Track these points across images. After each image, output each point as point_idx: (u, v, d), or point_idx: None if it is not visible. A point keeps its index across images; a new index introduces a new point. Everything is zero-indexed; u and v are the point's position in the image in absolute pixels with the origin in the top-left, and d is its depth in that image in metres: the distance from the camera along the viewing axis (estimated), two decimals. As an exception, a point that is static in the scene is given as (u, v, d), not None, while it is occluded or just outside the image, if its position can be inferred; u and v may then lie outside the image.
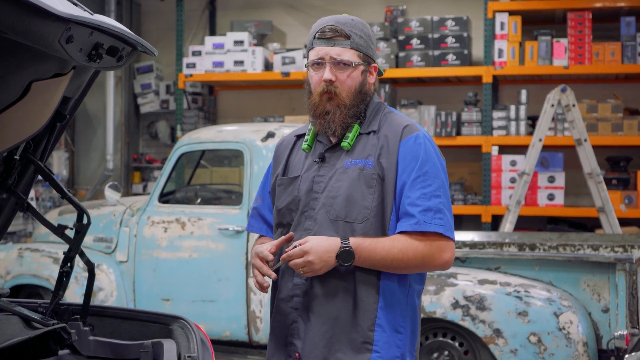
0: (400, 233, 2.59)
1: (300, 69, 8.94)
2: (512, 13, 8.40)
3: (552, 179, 8.20)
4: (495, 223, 8.45)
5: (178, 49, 9.55)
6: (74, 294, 5.98)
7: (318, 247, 2.55)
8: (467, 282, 5.01)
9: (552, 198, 8.19)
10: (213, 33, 10.10)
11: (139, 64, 10.29)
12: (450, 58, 8.54)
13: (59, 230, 2.53)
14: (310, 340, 2.63)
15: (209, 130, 6.28)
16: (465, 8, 9.16)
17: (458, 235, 6.63)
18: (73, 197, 2.55)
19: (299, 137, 2.87)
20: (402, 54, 8.68)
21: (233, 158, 7.97)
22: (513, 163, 8.29)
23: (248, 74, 9.10)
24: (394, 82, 9.05)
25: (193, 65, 9.29)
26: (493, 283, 4.97)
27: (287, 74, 8.97)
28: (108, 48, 2.21)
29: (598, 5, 8.27)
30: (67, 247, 2.55)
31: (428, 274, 4.97)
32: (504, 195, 8.26)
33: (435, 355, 5.10)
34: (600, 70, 8.22)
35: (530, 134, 8.06)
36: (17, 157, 2.51)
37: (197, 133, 6.26)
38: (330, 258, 2.55)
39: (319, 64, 2.68)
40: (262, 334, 5.64)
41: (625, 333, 4.62)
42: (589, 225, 8.32)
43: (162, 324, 2.63)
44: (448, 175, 2.79)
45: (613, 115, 8.16)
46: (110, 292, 6.01)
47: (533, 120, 8.32)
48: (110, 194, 6.13)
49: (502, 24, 8.35)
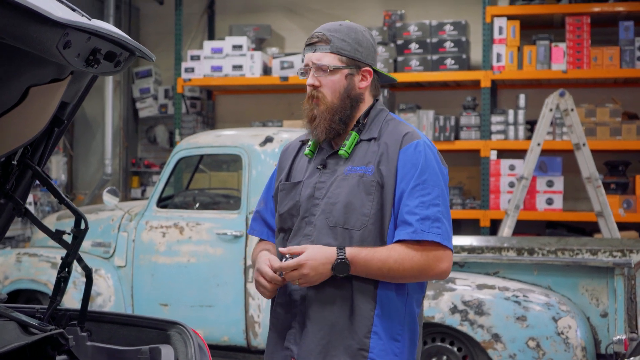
0: (398, 242, 2.58)
1: (298, 72, 8.91)
2: (510, 18, 8.41)
3: (550, 184, 8.20)
4: (494, 227, 8.45)
5: (177, 54, 9.55)
6: (72, 299, 5.98)
7: (314, 259, 2.54)
8: (465, 286, 5.00)
9: (550, 202, 8.19)
10: (212, 37, 10.10)
11: (138, 69, 10.30)
12: (449, 62, 8.54)
13: (57, 236, 2.52)
14: (306, 346, 2.63)
15: (208, 135, 6.27)
16: (464, 13, 9.17)
17: (456, 240, 6.63)
18: (71, 202, 2.55)
19: (304, 142, 2.87)
20: (400, 59, 8.68)
21: (231, 163, 7.97)
22: (512, 167, 8.29)
23: (246, 79, 9.10)
24: (393, 86, 9.05)
25: (192, 70, 9.29)
26: (492, 288, 4.97)
27: (285, 79, 8.97)
28: (106, 53, 2.21)
29: (596, 10, 8.28)
30: (65, 252, 2.54)
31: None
32: (503, 200, 8.26)
33: (434, 360, 5.09)
34: (599, 75, 8.23)
35: (529, 139, 8.07)
36: (14, 162, 2.51)
37: (195, 137, 6.26)
38: (326, 270, 2.55)
39: (306, 71, 2.74)
40: (260, 339, 5.64)
41: (624, 338, 4.61)
42: (588, 230, 8.32)
43: (159, 330, 2.63)
44: (447, 180, 2.77)
45: (611, 120, 8.17)
46: (109, 297, 6.01)
47: (531, 125, 8.33)
48: (109, 199, 6.13)
49: (500, 29, 8.36)
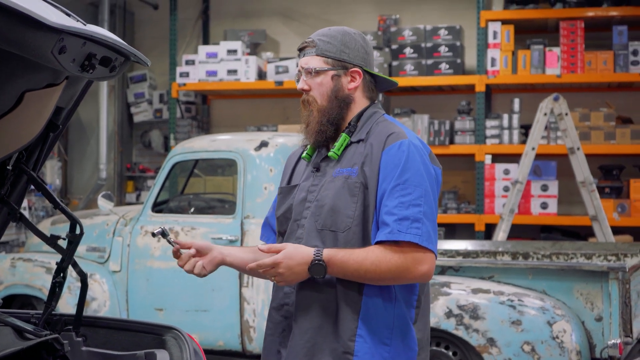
0: (377, 243, 2.55)
1: (294, 78, 8.92)
2: (504, 22, 8.43)
3: (545, 188, 8.22)
4: (489, 232, 8.46)
5: (171, 58, 9.56)
6: (67, 304, 5.96)
7: (290, 259, 2.53)
8: (460, 291, 5.00)
9: (545, 207, 8.21)
10: (206, 42, 10.11)
11: (132, 73, 10.29)
12: (444, 67, 8.56)
13: (52, 241, 2.52)
14: (293, 349, 2.63)
15: (203, 140, 6.27)
16: (458, 17, 9.19)
17: (451, 244, 6.64)
18: (66, 207, 2.55)
19: (306, 147, 2.88)
20: (395, 63, 8.70)
21: (226, 167, 7.97)
22: (506, 172, 8.30)
23: (241, 83, 9.10)
24: (387, 91, 9.05)
25: (186, 75, 9.29)
26: (486, 292, 4.97)
27: (280, 83, 8.97)
28: (101, 58, 2.21)
29: (590, 15, 8.31)
30: (59, 256, 2.54)
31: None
32: (498, 204, 8.28)
33: (429, 365, 5.09)
34: (593, 79, 8.25)
35: (524, 143, 8.08)
36: (9, 167, 2.51)
37: (190, 142, 6.26)
38: (302, 270, 2.54)
39: (298, 77, 2.77)
40: (255, 344, 5.63)
41: (619, 342, 4.62)
42: (583, 234, 8.34)
43: (155, 335, 2.63)
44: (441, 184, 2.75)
45: (605, 124, 8.19)
46: (104, 302, 6.00)
47: (526, 129, 8.34)
48: (103, 204, 6.13)
49: (494, 33, 8.38)
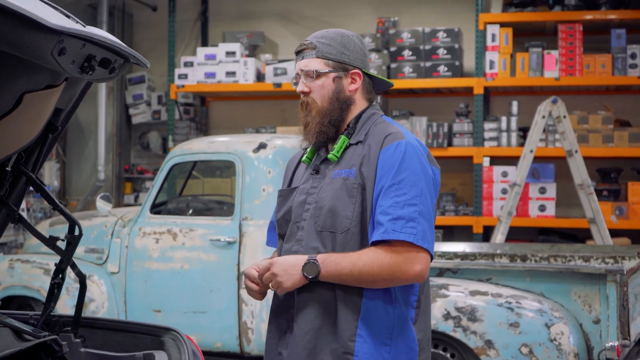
0: (372, 244, 2.56)
1: (291, 81, 8.92)
2: (503, 25, 8.44)
3: (543, 190, 8.22)
4: (487, 234, 8.47)
5: (170, 60, 9.56)
6: (65, 306, 5.96)
7: (284, 261, 2.59)
8: (458, 293, 5.01)
9: (543, 209, 8.21)
10: (205, 44, 10.11)
11: (131, 75, 10.29)
12: (442, 69, 8.56)
13: (51, 242, 2.52)
14: (293, 350, 2.64)
15: (201, 141, 6.27)
16: (457, 20, 9.20)
17: (449, 246, 6.64)
18: (65, 208, 2.55)
19: (306, 150, 2.90)
20: (393, 65, 8.70)
21: (225, 169, 7.97)
22: (504, 174, 8.31)
23: (240, 85, 9.11)
24: (386, 93, 9.07)
25: (185, 76, 9.29)
26: (484, 294, 4.97)
27: (279, 85, 8.98)
28: (100, 60, 2.21)
29: (589, 18, 8.32)
30: (58, 258, 2.54)
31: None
32: (495, 206, 8.28)
33: (427, 367, 5.09)
34: (591, 82, 8.26)
35: (522, 145, 8.09)
36: (8, 168, 2.51)
37: (188, 144, 6.26)
38: (297, 272, 2.57)
39: (296, 80, 2.80)
40: (253, 345, 5.63)
41: (616, 344, 4.62)
42: (580, 236, 8.34)
43: (153, 336, 2.63)
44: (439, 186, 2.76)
45: (604, 127, 8.20)
46: (102, 303, 6.00)
47: (524, 132, 8.35)
48: (102, 205, 6.12)
49: (493, 36, 8.39)
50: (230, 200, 6.29)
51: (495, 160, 8.62)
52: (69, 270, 2.58)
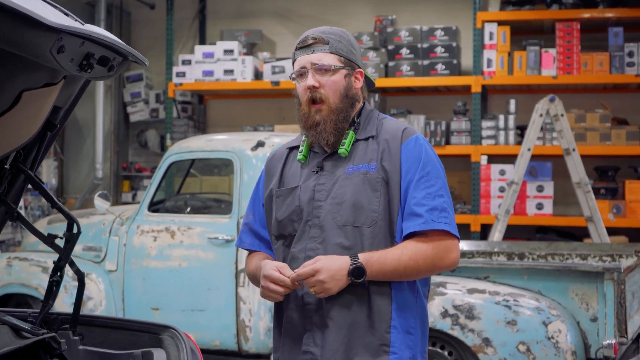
0: (407, 236, 2.60)
1: (290, 76, 8.94)
2: (501, 23, 8.44)
3: (540, 189, 8.23)
4: (484, 232, 8.47)
5: (168, 58, 9.56)
6: (63, 304, 5.97)
7: (330, 266, 2.55)
8: (456, 291, 5.02)
9: (540, 207, 8.22)
10: (203, 42, 10.10)
11: (129, 73, 10.29)
12: (440, 68, 8.57)
13: (49, 240, 2.52)
14: (330, 347, 2.62)
15: (199, 139, 6.28)
16: (455, 18, 9.20)
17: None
18: (63, 206, 2.55)
19: (292, 149, 2.88)
20: (391, 64, 8.71)
21: (223, 167, 7.98)
22: (502, 172, 8.32)
23: (238, 83, 9.11)
24: (384, 91, 9.07)
25: (183, 74, 9.29)
26: (482, 292, 4.98)
27: (277, 83, 8.98)
28: (99, 58, 2.21)
29: (586, 16, 8.33)
30: (56, 256, 2.54)
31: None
32: (493, 205, 8.29)
33: (425, 365, 5.10)
34: (589, 80, 8.27)
35: (519, 144, 8.10)
36: (7, 166, 2.51)
37: (186, 142, 6.26)
38: (343, 276, 2.55)
39: (302, 74, 2.73)
40: (251, 343, 5.64)
41: (614, 342, 4.63)
42: (578, 235, 8.35)
43: (152, 334, 2.63)
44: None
45: (601, 125, 8.21)
46: (100, 301, 6.00)
47: (522, 130, 8.36)
48: (100, 203, 6.12)
49: (491, 34, 8.39)
50: (228, 199, 6.30)
51: (493, 159, 8.62)
52: (67, 268, 2.58)
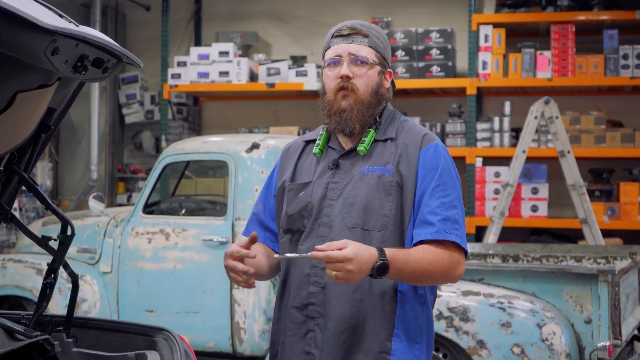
0: (416, 244, 2.56)
1: (285, 80, 8.96)
2: (496, 26, 8.45)
3: (535, 191, 8.24)
4: (479, 234, 8.48)
5: (163, 60, 9.55)
6: (57, 305, 5.95)
7: (360, 256, 2.40)
8: (450, 293, 5.02)
9: (535, 209, 8.23)
10: (198, 44, 10.10)
11: (124, 75, 10.28)
12: (435, 70, 8.58)
13: (43, 242, 2.52)
14: (329, 350, 2.59)
15: (194, 141, 6.27)
16: (450, 20, 9.21)
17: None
18: (57, 208, 2.55)
19: (308, 142, 2.82)
20: (386, 66, 8.70)
21: (218, 169, 7.97)
22: (497, 174, 8.33)
23: (233, 85, 9.10)
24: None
25: (178, 76, 9.29)
26: (477, 294, 4.98)
27: (272, 85, 8.98)
28: (93, 60, 2.21)
29: (581, 19, 8.34)
30: (50, 258, 2.54)
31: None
32: (488, 207, 8.29)
33: (419, 367, 5.10)
34: (583, 83, 8.28)
35: (514, 146, 8.10)
36: (1, 168, 2.50)
37: (181, 144, 6.26)
38: (367, 269, 2.43)
39: (336, 63, 2.65)
40: (245, 345, 5.63)
41: (608, 344, 4.64)
42: (573, 237, 8.36)
43: (145, 336, 2.63)
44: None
45: (596, 127, 8.22)
46: (94, 303, 5.99)
47: (517, 132, 8.37)
48: (94, 205, 6.11)
49: (486, 37, 8.40)
50: (223, 200, 6.29)
51: (488, 161, 8.63)
52: (62, 270, 2.57)
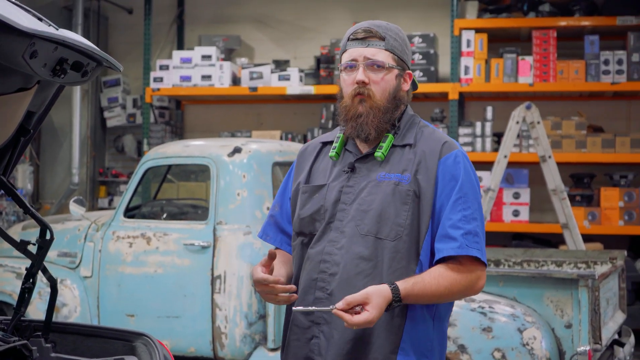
0: (442, 259, 2.50)
1: (268, 84, 8.95)
2: (478, 31, 8.49)
3: (517, 195, 8.28)
4: (461, 239, 8.49)
5: (145, 63, 9.52)
6: (37, 310, 5.92)
7: (379, 302, 2.39)
8: (432, 297, 5.01)
9: (517, 214, 8.26)
10: (181, 47, 10.08)
11: (106, 78, 10.25)
12: (417, 74, 8.60)
13: (22, 246, 2.50)
14: (332, 358, 2.53)
15: (176, 145, 6.25)
16: (432, 25, 9.24)
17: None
18: (36, 212, 2.54)
19: (325, 144, 2.75)
20: (369, 70, 8.71)
21: (200, 173, 7.95)
22: (479, 179, 8.34)
23: (215, 89, 9.09)
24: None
25: (160, 79, 9.26)
26: (458, 299, 4.99)
27: (254, 89, 8.97)
28: (73, 63, 2.20)
29: (563, 24, 8.39)
30: (30, 262, 2.52)
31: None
32: (470, 211, 8.31)
33: (401, 371, 5.10)
34: (565, 88, 8.33)
35: (496, 151, 8.13)
36: (-21, 171, 2.49)
37: (163, 147, 6.24)
38: (383, 309, 2.41)
39: (352, 67, 2.58)
40: (227, 350, 5.62)
41: (588, 349, 4.66)
42: (554, 241, 8.40)
43: (125, 341, 2.62)
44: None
45: (577, 133, 8.27)
46: (74, 307, 5.95)
47: (498, 137, 8.40)
48: (75, 209, 6.08)
49: (468, 42, 8.44)
50: (205, 205, 6.27)
51: (470, 166, 8.64)
52: (41, 275, 2.56)
